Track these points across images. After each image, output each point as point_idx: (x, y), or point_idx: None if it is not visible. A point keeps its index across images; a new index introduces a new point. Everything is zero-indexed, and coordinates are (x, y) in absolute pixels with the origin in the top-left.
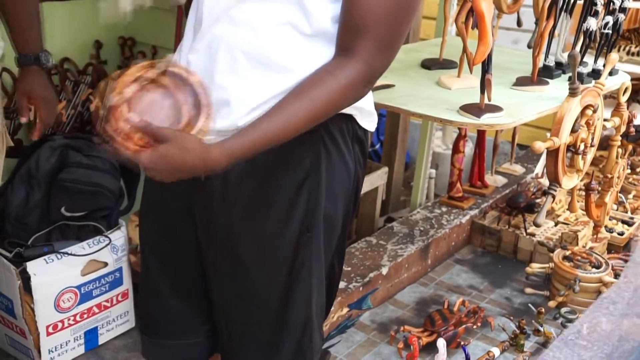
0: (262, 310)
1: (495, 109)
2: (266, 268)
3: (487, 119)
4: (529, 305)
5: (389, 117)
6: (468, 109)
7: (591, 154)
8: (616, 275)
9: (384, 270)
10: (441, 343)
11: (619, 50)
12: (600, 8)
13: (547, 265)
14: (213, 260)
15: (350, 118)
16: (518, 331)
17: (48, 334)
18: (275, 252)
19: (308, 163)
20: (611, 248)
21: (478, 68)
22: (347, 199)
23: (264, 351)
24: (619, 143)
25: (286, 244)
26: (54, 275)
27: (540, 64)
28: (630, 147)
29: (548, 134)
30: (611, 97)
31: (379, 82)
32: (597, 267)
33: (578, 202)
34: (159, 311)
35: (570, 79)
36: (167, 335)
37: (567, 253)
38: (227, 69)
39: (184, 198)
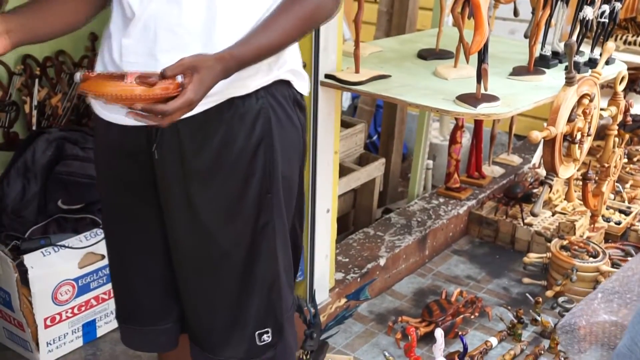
0: (230, 271)
1: (492, 98)
2: (231, 230)
3: (483, 108)
4: (527, 295)
5: (386, 108)
6: (465, 98)
7: (588, 143)
8: (613, 265)
9: (382, 261)
10: (439, 333)
11: (616, 40)
12: None
13: (544, 255)
14: (178, 231)
15: (288, 84)
16: (516, 321)
17: (46, 326)
18: (238, 214)
19: (260, 128)
20: (608, 237)
21: (474, 58)
22: (299, 160)
23: (234, 310)
24: (615, 132)
25: (248, 205)
26: (51, 268)
27: (536, 53)
28: (627, 136)
29: (545, 124)
30: (608, 87)
31: (375, 73)
32: (595, 257)
33: (575, 191)
34: (131, 299)
35: (566, 68)
36: (143, 322)
37: (565, 243)
38: (170, 46)
39: (142, 179)
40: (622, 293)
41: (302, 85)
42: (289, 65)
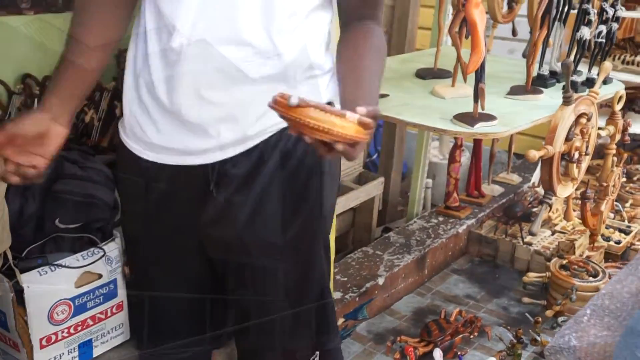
0: (300, 293)
1: (489, 117)
2: (299, 251)
3: (480, 127)
4: (526, 314)
5: (385, 127)
6: (462, 118)
7: (586, 162)
8: None
9: (381, 281)
10: (438, 353)
11: (614, 59)
12: (593, 17)
13: (544, 274)
14: (242, 265)
15: None
16: (515, 341)
17: (42, 346)
18: (302, 232)
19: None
20: (608, 257)
21: (472, 77)
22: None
23: (296, 325)
24: (614, 151)
25: (309, 221)
26: (47, 287)
27: (534, 73)
28: (625, 155)
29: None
30: (607, 106)
31: None
32: (594, 276)
33: (574, 210)
34: (164, 329)
35: (564, 87)
36: (174, 351)
37: (564, 262)
38: (225, 85)
39: (189, 216)
40: (612, 309)
41: None
42: None
